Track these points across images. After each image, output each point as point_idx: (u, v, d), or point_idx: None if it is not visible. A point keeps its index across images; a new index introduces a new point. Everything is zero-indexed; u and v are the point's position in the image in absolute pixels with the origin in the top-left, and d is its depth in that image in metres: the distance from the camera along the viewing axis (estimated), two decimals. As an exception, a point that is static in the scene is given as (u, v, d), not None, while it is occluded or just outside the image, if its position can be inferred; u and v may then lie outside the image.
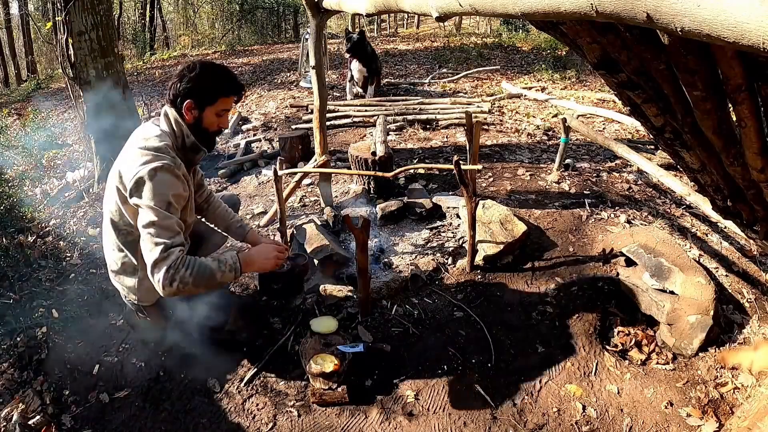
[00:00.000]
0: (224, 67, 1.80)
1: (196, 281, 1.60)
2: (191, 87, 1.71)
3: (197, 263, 1.62)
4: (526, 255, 2.67)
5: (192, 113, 1.75)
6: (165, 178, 1.64)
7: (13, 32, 16.18)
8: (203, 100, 1.74)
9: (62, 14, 3.50)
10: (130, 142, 1.79)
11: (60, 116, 6.39)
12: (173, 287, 1.57)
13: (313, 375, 1.94)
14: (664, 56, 0.96)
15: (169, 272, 1.56)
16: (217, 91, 1.75)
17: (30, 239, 3.15)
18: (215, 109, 1.76)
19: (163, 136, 1.74)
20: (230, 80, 1.77)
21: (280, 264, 1.89)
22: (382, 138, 3.40)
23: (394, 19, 17.99)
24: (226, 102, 1.78)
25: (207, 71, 1.72)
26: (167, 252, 1.57)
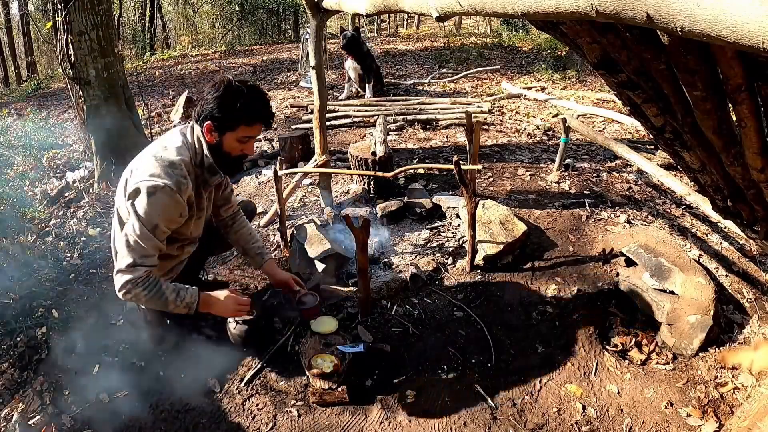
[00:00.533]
0: (254, 90, 1.66)
1: (148, 302, 1.71)
2: (212, 108, 1.63)
3: (155, 288, 1.69)
4: (526, 255, 2.67)
5: (212, 135, 1.68)
6: (161, 200, 1.61)
7: (13, 32, 16.17)
8: (223, 124, 1.65)
9: (62, 14, 3.50)
10: (153, 144, 1.77)
11: (60, 116, 6.39)
12: (127, 296, 1.69)
13: (313, 375, 1.94)
14: (664, 56, 0.96)
15: (126, 286, 1.66)
16: (238, 118, 1.65)
17: (30, 239, 3.15)
18: (236, 136, 1.68)
19: (183, 149, 1.70)
20: (256, 108, 1.66)
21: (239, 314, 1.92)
22: (382, 138, 3.40)
23: (394, 19, 17.98)
24: (249, 130, 1.68)
25: (231, 94, 1.62)
26: (133, 268, 1.65)
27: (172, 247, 1.86)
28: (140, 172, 1.65)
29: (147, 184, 1.61)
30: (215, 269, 2.74)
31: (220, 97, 1.62)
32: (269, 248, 2.16)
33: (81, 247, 3.04)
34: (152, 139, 4.56)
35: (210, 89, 1.65)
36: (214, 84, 1.66)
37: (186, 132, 1.75)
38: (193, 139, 1.73)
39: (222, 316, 1.90)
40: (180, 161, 1.68)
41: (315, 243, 2.56)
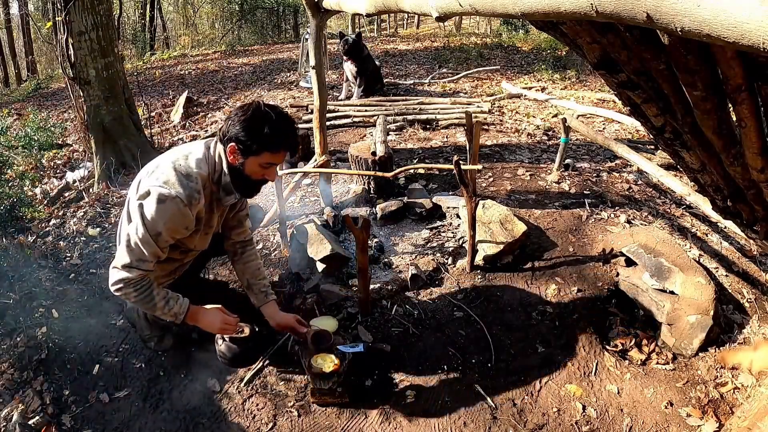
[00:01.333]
0: (282, 117, 1.62)
1: (137, 302, 1.72)
2: (238, 131, 1.60)
3: (146, 292, 1.70)
4: (526, 255, 2.67)
5: (235, 157, 1.66)
6: (170, 209, 1.61)
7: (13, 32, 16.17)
8: (248, 148, 1.62)
9: (62, 14, 3.50)
10: (175, 150, 1.75)
11: (60, 116, 6.39)
12: (117, 293, 1.71)
13: (313, 375, 1.94)
14: (664, 56, 0.96)
15: (119, 283, 1.67)
16: (264, 144, 1.61)
17: (30, 239, 3.15)
18: (259, 161, 1.65)
19: (203, 163, 1.68)
20: (282, 136, 1.62)
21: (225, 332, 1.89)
22: (382, 138, 3.40)
23: (394, 19, 17.99)
24: (273, 157, 1.65)
25: (259, 119, 1.58)
26: (128, 269, 1.66)
27: (174, 252, 1.86)
28: (156, 176, 1.64)
29: (159, 190, 1.60)
30: (215, 269, 2.74)
31: (247, 120, 1.59)
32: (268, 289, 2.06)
33: (81, 247, 3.04)
34: (152, 139, 4.56)
35: (238, 110, 1.63)
36: (244, 106, 1.63)
37: (210, 145, 1.73)
38: (215, 155, 1.71)
39: (207, 331, 1.87)
40: (197, 174, 1.67)
41: (315, 243, 2.56)
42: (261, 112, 1.60)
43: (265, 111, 1.60)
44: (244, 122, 1.59)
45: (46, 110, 6.79)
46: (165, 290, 1.78)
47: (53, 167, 4.50)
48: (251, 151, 1.63)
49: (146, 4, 15.52)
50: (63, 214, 3.54)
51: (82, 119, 3.89)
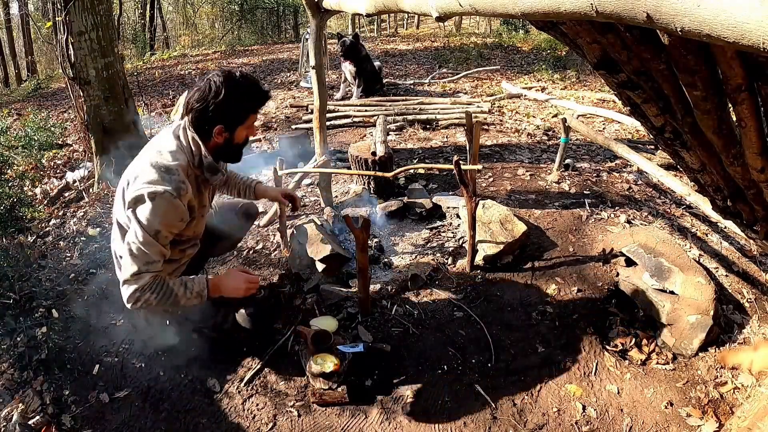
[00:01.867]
0: (248, 78, 1.67)
1: (159, 303, 1.69)
2: (219, 113, 1.62)
3: (164, 288, 1.68)
4: (526, 255, 2.67)
5: (223, 136, 1.69)
6: (162, 205, 1.61)
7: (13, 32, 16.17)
8: (234, 122, 1.67)
9: (62, 14, 3.50)
10: (146, 150, 1.75)
11: (60, 116, 6.39)
12: (137, 305, 1.66)
13: (313, 375, 1.94)
14: (664, 56, 0.96)
15: (135, 294, 1.64)
16: (246, 110, 1.68)
17: (30, 239, 3.15)
18: (246, 126, 1.71)
19: (178, 153, 1.68)
20: (257, 94, 1.68)
21: (250, 294, 1.87)
22: (382, 138, 3.40)
23: (394, 19, 17.99)
24: (255, 117, 1.73)
25: (233, 93, 1.61)
26: (138, 276, 1.64)
27: (173, 251, 1.86)
28: (139, 181, 1.63)
29: (146, 191, 1.60)
30: (215, 269, 2.74)
31: (225, 99, 1.61)
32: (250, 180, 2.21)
33: (81, 247, 3.04)
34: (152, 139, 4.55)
35: (207, 95, 1.61)
36: (209, 89, 1.61)
37: (179, 134, 1.72)
38: (188, 142, 1.70)
39: (234, 296, 1.84)
40: (177, 166, 1.66)
41: (315, 243, 2.55)
42: (231, 87, 1.61)
43: (233, 83, 1.62)
44: (223, 103, 1.61)
45: (46, 110, 6.78)
46: (178, 278, 1.76)
47: (53, 167, 4.49)
48: (237, 123, 1.67)
49: (146, 4, 15.52)
50: (63, 214, 3.54)
51: (82, 119, 3.89)
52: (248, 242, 2.95)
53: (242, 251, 2.87)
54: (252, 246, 2.92)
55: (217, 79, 1.62)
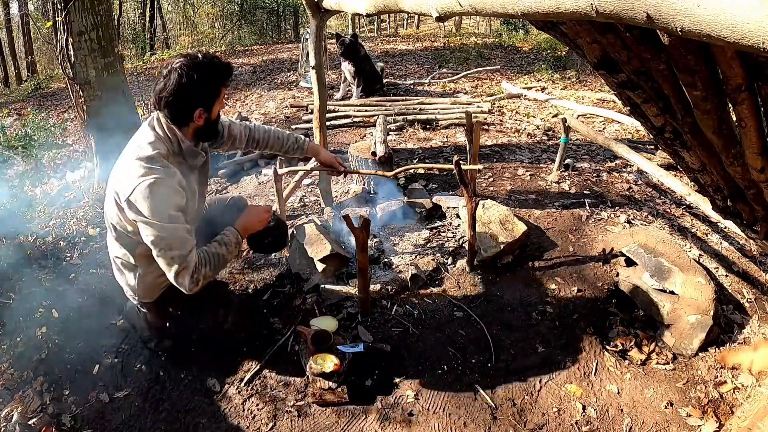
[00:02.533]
0: (209, 56, 1.69)
1: (215, 271, 1.77)
2: (196, 97, 1.66)
3: (211, 257, 1.74)
4: (526, 255, 2.67)
5: (203, 117, 1.73)
6: (160, 192, 1.61)
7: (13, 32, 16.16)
8: (210, 101, 1.72)
9: (62, 14, 3.50)
10: (127, 149, 1.74)
11: (60, 116, 6.39)
12: (198, 286, 1.71)
13: (313, 375, 1.94)
14: (664, 56, 0.96)
15: (193, 277, 1.68)
16: (218, 85, 1.72)
17: (30, 239, 3.15)
18: (219, 101, 1.76)
19: (157, 143, 1.69)
20: (222, 67, 1.71)
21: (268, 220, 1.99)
22: (382, 138, 3.40)
23: (394, 19, 17.99)
24: (225, 88, 1.77)
25: (202, 74, 1.64)
26: (185, 262, 1.65)
27: None
28: (128, 180, 1.63)
29: (141, 186, 1.59)
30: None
31: (197, 83, 1.63)
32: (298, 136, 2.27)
33: (81, 247, 3.04)
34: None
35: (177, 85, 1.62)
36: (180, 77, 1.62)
37: (154, 125, 1.73)
38: (165, 131, 1.71)
39: (260, 228, 1.95)
40: (157, 154, 1.67)
41: (315, 243, 2.55)
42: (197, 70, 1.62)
43: (196, 66, 1.63)
44: (197, 87, 1.64)
45: (46, 110, 6.78)
46: (213, 241, 1.81)
47: (53, 167, 4.49)
48: (213, 101, 1.72)
49: (146, 4, 15.52)
50: (63, 214, 3.54)
51: (82, 119, 3.89)
52: (248, 242, 2.95)
53: (242, 251, 2.87)
54: (252, 246, 2.91)
55: (183, 67, 1.62)
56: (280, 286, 2.55)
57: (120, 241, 1.83)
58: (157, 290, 1.93)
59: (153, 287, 1.91)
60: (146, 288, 1.90)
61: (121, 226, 1.77)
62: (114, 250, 1.89)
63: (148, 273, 1.86)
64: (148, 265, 1.83)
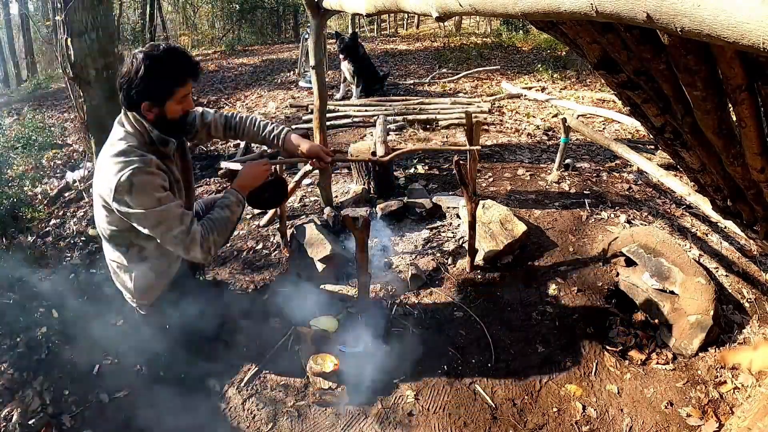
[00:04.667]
0: (173, 51, 1.62)
1: (224, 236, 1.76)
2: (142, 89, 1.59)
3: (216, 223, 1.73)
4: (526, 255, 2.67)
5: (153, 112, 1.65)
6: (142, 180, 1.59)
7: (13, 32, 16.17)
8: (159, 97, 1.63)
9: (62, 14, 3.50)
10: (101, 152, 1.72)
11: (60, 116, 6.39)
12: (212, 253, 1.72)
13: (313, 375, 1.94)
14: (664, 56, 0.96)
15: (203, 247, 1.68)
16: (171, 83, 1.62)
17: (30, 239, 3.15)
18: (175, 101, 1.66)
19: (128, 137, 1.67)
20: (183, 67, 1.63)
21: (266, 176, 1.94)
22: (382, 138, 3.40)
23: (394, 19, 17.98)
24: (185, 90, 1.67)
25: (153, 67, 1.56)
26: (189, 235, 1.65)
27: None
28: (107, 177, 1.61)
29: (120, 179, 1.57)
30: (215, 269, 2.74)
31: (145, 75, 1.57)
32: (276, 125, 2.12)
33: (81, 247, 3.04)
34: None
35: (129, 73, 1.59)
36: (131, 67, 1.59)
37: (122, 120, 1.71)
38: (132, 124, 1.68)
39: (259, 183, 1.91)
40: (129, 147, 1.64)
41: (315, 243, 2.56)
42: (151, 61, 1.57)
43: (153, 56, 1.58)
44: (144, 78, 1.57)
45: (46, 110, 6.79)
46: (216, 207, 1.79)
47: (53, 167, 4.49)
48: (164, 98, 1.63)
49: (146, 4, 15.50)
50: (63, 214, 3.54)
51: (82, 119, 3.89)
52: (248, 242, 2.95)
53: (242, 251, 2.87)
54: (252, 246, 2.92)
55: (140, 56, 1.59)
56: (280, 286, 2.55)
57: (112, 244, 1.81)
58: (154, 292, 1.91)
59: (149, 289, 1.89)
60: (142, 290, 1.89)
61: (111, 229, 1.75)
62: (108, 253, 1.88)
63: (142, 275, 1.84)
64: (142, 266, 1.83)
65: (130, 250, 1.79)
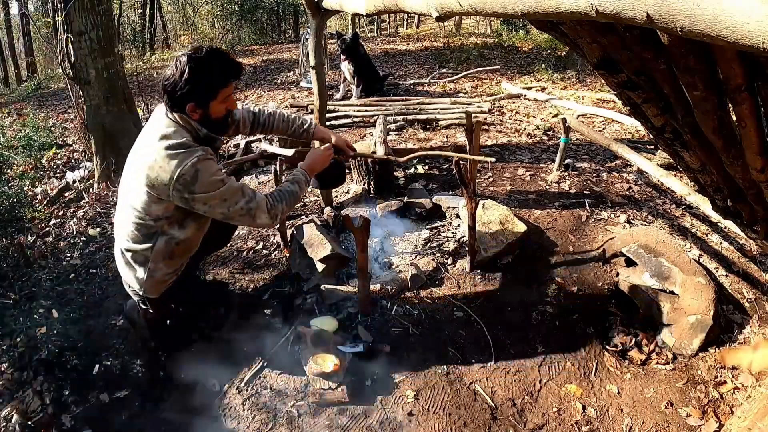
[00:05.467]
0: (215, 53, 1.69)
1: (289, 207, 1.91)
2: (187, 91, 1.65)
3: (285, 194, 1.88)
4: (526, 255, 2.67)
5: (197, 113, 1.73)
6: (204, 166, 1.68)
7: (13, 32, 16.17)
8: (204, 99, 1.70)
9: (62, 14, 3.50)
10: (148, 141, 1.74)
11: (60, 116, 6.39)
12: (276, 220, 1.86)
13: (313, 375, 1.94)
14: (664, 56, 0.96)
15: (270, 213, 1.81)
16: (215, 85, 1.71)
17: (30, 239, 3.15)
18: (219, 101, 1.75)
19: (181, 131, 1.73)
20: (225, 68, 1.71)
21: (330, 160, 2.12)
22: (382, 138, 3.40)
23: (394, 19, 17.98)
24: (228, 90, 1.76)
25: (197, 69, 1.64)
26: (254, 204, 1.77)
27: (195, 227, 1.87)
28: (167, 169, 1.65)
29: (186, 168, 1.63)
30: (215, 269, 2.74)
31: (191, 77, 1.64)
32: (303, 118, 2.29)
33: (81, 247, 3.04)
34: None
35: (175, 77, 1.65)
36: (176, 67, 1.65)
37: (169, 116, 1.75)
38: (179, 122, 1.74)
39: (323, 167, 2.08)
40: (187, 140, 1.72)
41: (315, 243, 2.55)
42: (197, 64, 1.64)
43: (199, 60, 1.65)
44: (188, 81, 1.64)
45: (46, 110, 6.79)
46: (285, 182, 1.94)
47: (53, 167, 4.50)
48: (209, 99, 1.71)
49: (146, 4, 15.51)
50: (63, 214, 3.54)
51: (82, 119, 3.89)
52: (248, 242, 2.95)
53: (242, 251, 2.87)
54: (252, 246, 2.92)
55: (183, 59, 1.65)
56: (280, 286, 2.55)
57: (140, 234, 1.82)
58: (162, 286, 1.93)
59: (160, 283, 1.91)
60: (153, 283, 1.90)
61: (150, 217, 1.77)
62: (126, 244, 1.88)
63: (158, 269, 1.87)
64: (161, 262, 1.85)
65: (158, 240, 1.82)
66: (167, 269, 1.89)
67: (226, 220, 1.81)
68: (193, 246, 1.95)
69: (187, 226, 1.84)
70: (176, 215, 1.79)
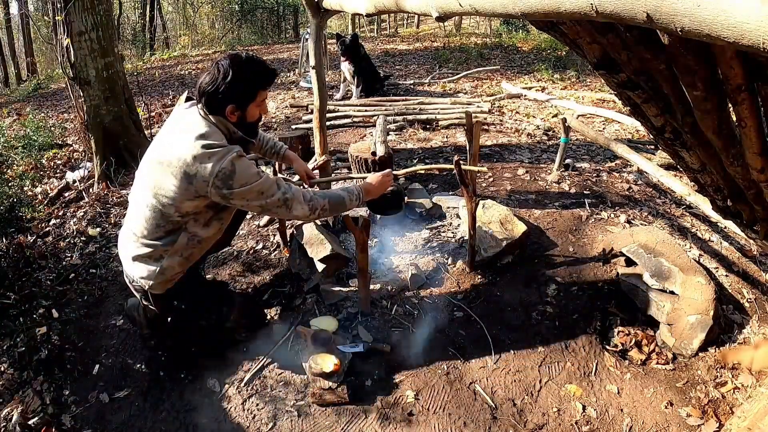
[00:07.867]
0: (254, 58, 1.79)
1: (332, 208, 1.93)
2: (229, 92, 1.72)
3: (332, 197, 1.92)
4: (526, 255, 2.67)
5: (235, 114, 1.79)
6: (241, 162, 1.72)
7: (13, 32, 16.17)
8: (244, 100, 1.77)
9: (62, 14, 3.50)
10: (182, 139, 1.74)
11: (60, 116, 6.39)
12: (315, 214, 1.89)
13: (313, 375, 1.94)
14: (664, 56, 0.96)
15: (310, 204, 1.85)
16: (254, 87, 1.78)
17: (30, 239, 3.15)
18: (256, 103, 1.82)
19: (216, 134, 1.77)
20: (264, 72, 1.79)
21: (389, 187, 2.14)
22: (382, 138, 3.39)
23: (394, 19, 17.98)
24: (265, 93, 1.83)
25: (240, 72, 1.72)
26: (290, 194, 1.81)
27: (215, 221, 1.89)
28: (207, 166, 1.68)
29: (224, 165, 1.67)
30: (215, 269, 2.74)
31: (233, 80, 1.71)
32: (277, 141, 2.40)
33: (81, 247, 3.04)
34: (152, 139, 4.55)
35: (216, 78, 1.71)
36: (218, 71, 1.72)
37: (207, 119, 1.79)
38: (218, 123, 1.79)
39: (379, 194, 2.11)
40: (220, 141, 1.76)
41: (315, 243, 2.55)
42: (238, 67, 1.72)
43: (239, 63, 1.73)
44: (232, 83, 1.71)
45: (46, 110, 6.79)
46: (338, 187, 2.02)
47: (53, 167, 4.49)
48: (248, 101, 1.79)
49: (146, 4, 15.52)
50: (63, 214, 3.54)
51: (82, 119, 3.89)
52: (248, 242, 2.95)
53: (242, 251, 2.87)
54: (252, 246, 2.92)
55: (225, 62, 1.73)
56: (280, 286, 2.56)
57: (161, 230, 1.82)
58: (169, 284, 1.92)
59: (167, 280, 1.90)
60: (162, 280, 1.89)
61: (179, 214, 1.78)
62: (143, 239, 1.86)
63: (171, 266, 1.86)
64: (176, 259, 1.86)
65: (180, 237, 1.82)
66: (179, 268, 1.88)
67: (264, 213, 1.94)
68: (208, 246, 1.96)
69: (211, 225, 1.87)
70: (205, 213, 1.83)
